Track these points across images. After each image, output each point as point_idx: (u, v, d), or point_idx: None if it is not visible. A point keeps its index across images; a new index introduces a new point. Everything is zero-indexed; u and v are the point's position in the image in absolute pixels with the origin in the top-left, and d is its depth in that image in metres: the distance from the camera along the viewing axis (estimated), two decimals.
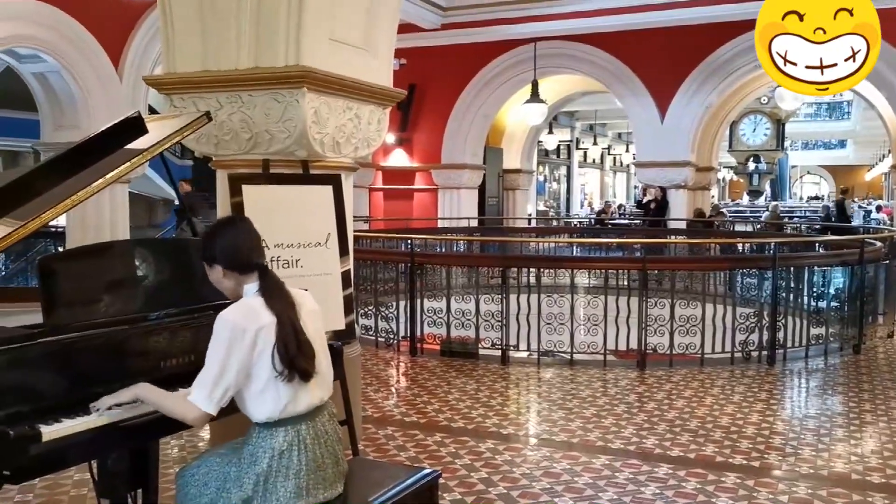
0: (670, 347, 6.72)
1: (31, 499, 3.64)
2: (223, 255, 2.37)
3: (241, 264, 2.37)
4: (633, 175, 28.69)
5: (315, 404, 2.35)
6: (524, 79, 13.30)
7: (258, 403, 2.27)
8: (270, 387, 2.25)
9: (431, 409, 5.33)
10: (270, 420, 2.27)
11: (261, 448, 2.27)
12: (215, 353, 2.22)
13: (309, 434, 2.30)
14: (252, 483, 2.25)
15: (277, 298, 2.32)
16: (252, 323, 2.24)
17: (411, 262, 7.44)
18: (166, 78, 3.99)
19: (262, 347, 2.24)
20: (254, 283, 2.36)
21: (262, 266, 2.39)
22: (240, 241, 2.41)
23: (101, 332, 2.35)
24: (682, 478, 4.03)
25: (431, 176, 14.59)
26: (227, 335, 2.22)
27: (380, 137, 4.54)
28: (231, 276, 2.38)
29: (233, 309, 2.28)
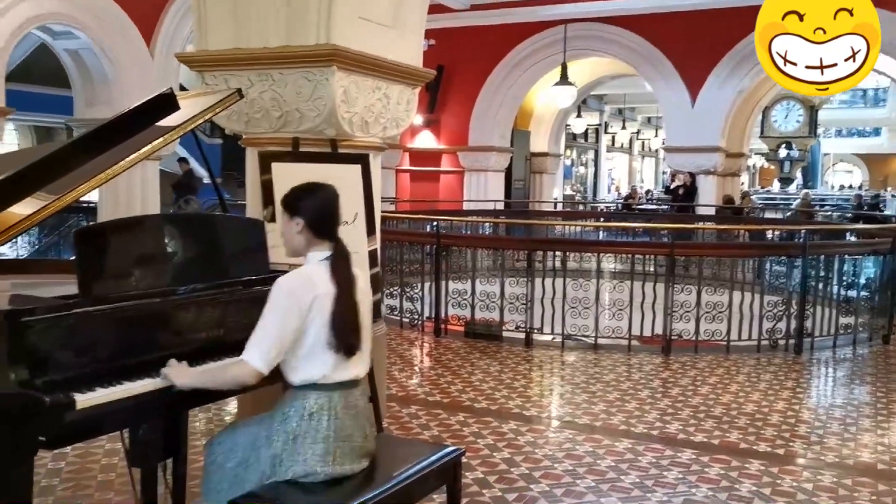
0: (696, 334, 6.69)
1: (64, 466, 3.73)
2: (311, 211, 2.41)
3: (322, 227, 2.41)
4: (662, 160, 28.45)
5: (351, 378, 2.39)
6: (553, 61, 13.20)
7: (299, 367, 2.33)
8: (314, 354, 2.32)
9: (455, 389, 5.36)
10: (306, 383, 2.33)
11: (292, 408, 2.33)
12: (272, 316, 2.28)
13: (340, 403, 2.35)
14: (281, 441, 2.30)
15: (344, 271, 2.38)
16: (309, 291, 2.30)
17: (437, 244, 7.46)
18: (198, 55, 4.02)
19: (314, 315, 2.30)
20: (324, 251, 2.40)
21: (338, 239, 2.44)
22: (332, 207, 2.46)
23: (134, 304, 2.39)
24: (706, 463, 4.02)
25: (458, 158, 14.56)
26: (284, 300, 2.28)
27: (408, 117, 4.54)
28: (306, 234, 2.41)
29: (291, 275, 2.34)
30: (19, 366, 2.07)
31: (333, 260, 2.39)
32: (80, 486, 3.52)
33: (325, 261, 2.39)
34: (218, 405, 4.68)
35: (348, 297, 2.35)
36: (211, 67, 3.95)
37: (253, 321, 2.69)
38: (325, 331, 2.30)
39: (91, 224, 3.37)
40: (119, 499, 3.37)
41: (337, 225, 2.46)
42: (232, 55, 3.89)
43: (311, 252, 2.42)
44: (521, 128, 15.73)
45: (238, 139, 4.24)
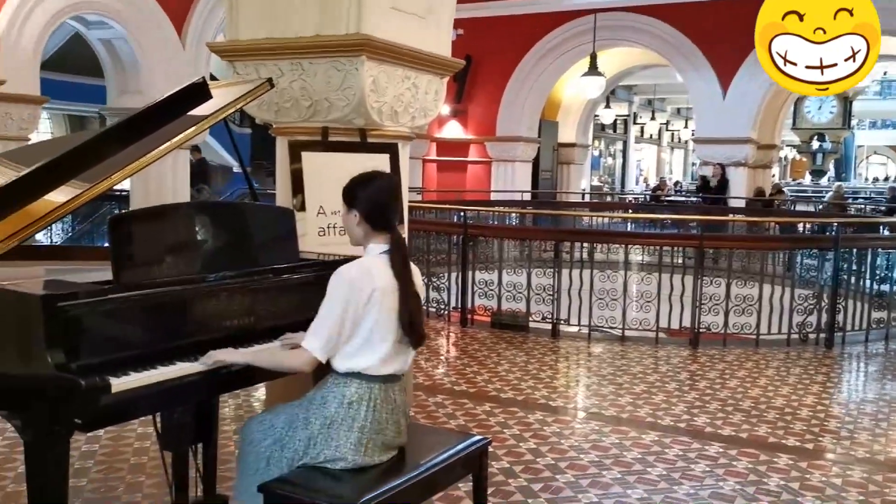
0: (725, 327, 6.63)
1: (98, 448, 3.80)
2: (366, 203, 2.41)
3: (380, 218, 2.41)
4: (692, 151, 28.12)
5: (393, 372, 2.41)
6: (582, 51, 13.11)
7: (348, 357, 2.35)
8: (366, 345, 2.34)
9: (481, 379, 5.38)
10: (350, 372, 2.35)
11: (332, 394, 2.36)
12: (331, 305, 2.30)
13: (379, 395, 2.37)
14: (318, 424, 2.33)
15: (404, 264, 2.39)
16: (368, 283, 2.31)
17: (464, 234, 7.46)
18: (229, 45, 4.05)
19: (371, 307, 2.32)
20: (382, 243, 2.41)
21: (395, 228, 2.44)
22: (387, 196, 2.46)
23: (168, 291, 2.42)
24: (733, 457, 4.00)
25: (486, 148, 14.55)
26: (344, 291, 2.29)
27: (437, 107, 4.54)
28: (363, 226, 2.42)
29: (352, 266, 2.35)
30: (56, 349, 2.11)
31: (392, 253, 2.39)
32: (112, 468, 3.58)
33: (384, 254, 2.39)
34: (247, 391, 4.74)
35: (412, 289, 2.38)
36: (242, 57, 3.98)
37: (282, 309, 2.73)
38: (382, 324, 2.32)
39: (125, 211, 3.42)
40: (151, 481, 3.43)
41: (395, 215, 2.46)
42: (263, 45, 3.91)
43: (371, 244, 2.43)
44: (549, 118, 15.66)
45: (267, 129, 4.26)
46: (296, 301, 2.76)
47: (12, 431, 3.91)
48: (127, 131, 2.76)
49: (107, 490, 3.35)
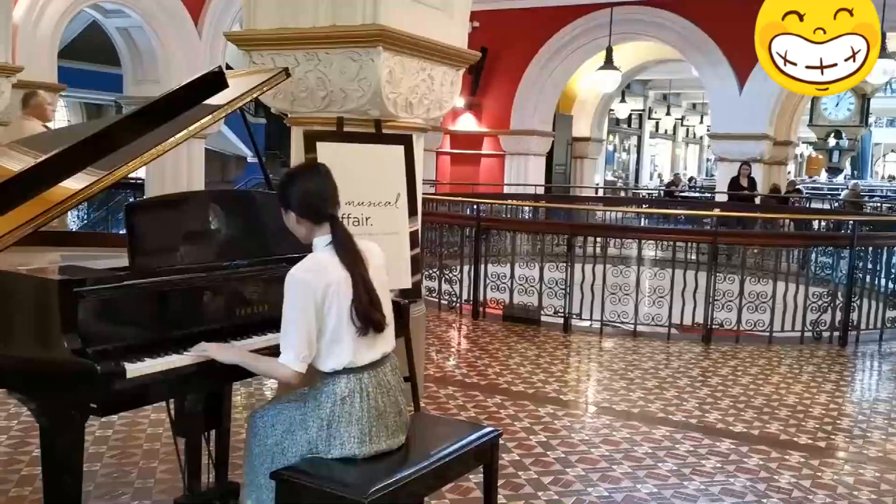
0: (738, 323, 6.60)
1: (111, 434, 3.84)
2: (298, 202, 2.38)
3: (314, 213, 2.38)
4: (707, 147, 27.97)
5: (377, 357, 2.40)
6: (598, 45, 13.03)
7: (325, 355, 2.33)
8: (337, 340, 2.31)
9: (492, 371, 5.38)
10: (335, 370, 2.33)
11: (323, 394, 2.34)
12: (292, 312, 2.26)
13: (371, 383, 2.35)
14: (316, 427, 2.32)
15: (349, 253, 2.35)
16: (321, 279, 2.27)
17: (477, 227, 7.46)
18: (246, 34, 4.07)
19: (330, 303, 2.28)
20: (325, 235, 2.38)
21: (334, 218, 2.39)
22: (316, 189, 2.40)
23: (184, 278, 2.44)
24: (745, 454, 3.98)
25: (499, 141, 14.50)
26: (299, 294, 2.26)
27: (452, 99, 4.54)
28: (304, 223, 2.40)
29: (300, 267, 2.31)
30: (72, 334, 2.13)
31: (336, 243, 2.35)
32: (126, 453, 3.62)
33: (329, 245, 2.36)
34: (258, 379, 4.76)
35: (361, 279, 2.32)
36: (259, 46, 3.99)
37: None
38: (346, 315, 2.28)
39: (142, 198, 3.44)
40: (164, 467, 3.46)
41: (329, 204, 2.39)
42: (279, 34, 3.92)
43: (316, 238, 2.40)
44: (564, 112, 15.59)
45: (281, 119, 4.28)
46: None
47: (27, 416, 3.96)
48: (143, 119, 2.77)
49: (120, 475, 3.38)
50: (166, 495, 3.16)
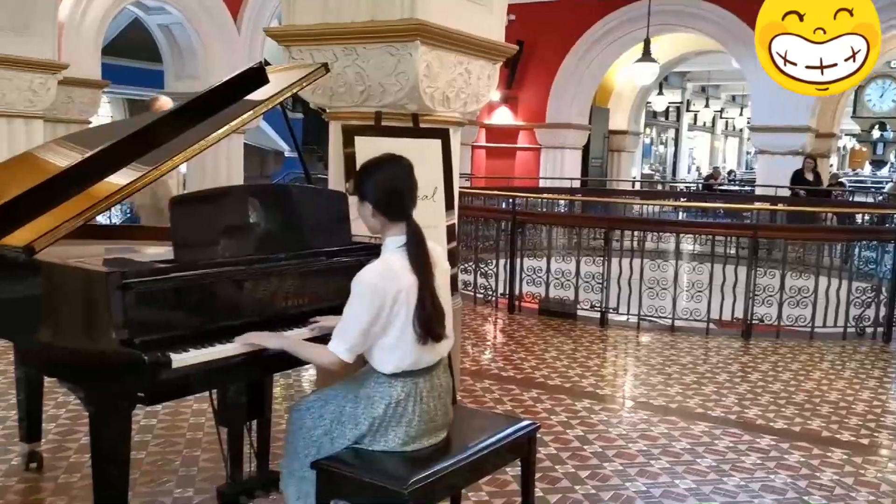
0: (778, 319, 6.51)
1: (156, 423, 3.92)
2: (376, 193, 2.31)
3: (392, 209, 2.31)
4: (747, 140, 27.53)
5: (435, 361, 2.40)
6: (635, 37, 12.90)
7: (385, 356, 2.32)
8: (401, 343, 2.30)
9: (528, 365, 5.38)
10: (394, 372, 2.33)
11: (378, 394, 2.34)
12: (355, 309, 2.25)
13: (425, 387, 2.36)
14: (367, 424, 2.33)
15: (421, 258, 2.30)
16: (391, 284, 2.24)
17: (513, 220, 7.45)
18: (285, 30, 4.11)
19: (399, 308, 2.26)
20: (399, 235, 2.31)
21: (410, 218, 2.32)
22: (398, 182, 2.33)
23: (227, 271, 2.49)
24: (785, 450, 3.93)
25: (535, 135, 14.45)
26: (369, 296, 2.23)
27: (489, 93, 4.54)
28: (379, 217, 2.33)
29: (373, 270, 2.27)
30: (120, 325, 2.19)
31: (409, 246, 2.29)
32: (170, 442, 3.69)
33: (402, 248, 2.30)
34: (297, 371, 4.83)
35: (428, 288, 2.28)
36: (298, 42, 4.03)
37: (333, 291, 2.76)
38: (411, 322, 2.27)
39: (186, 193, 3.50)
40: (206, 456, 3.53)
41: (409, 203, 2.33)
42: (318, 30, 3.95)
43: (388, 237, 2.33)
44: (601, 105, 15.48)
45: (319, 114, 4.31)
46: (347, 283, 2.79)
47: (74, 404, 4.07)
48: (185, 115, 2.82)
49: (164, 463, 3.46)
50: (209, 483, 3.22)
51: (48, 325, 2.44)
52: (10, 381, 4.38)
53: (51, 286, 2.42)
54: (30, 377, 3.25)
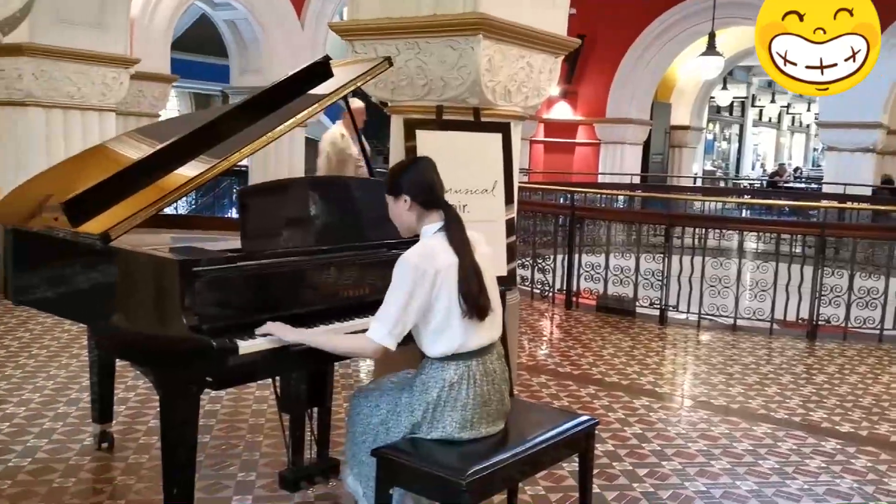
0: (846, 320, 6.32)
1: (220, 408, 4.03)
2: (413, 187, 2.42)
3: (428, 199, 2.43)
4: (814, 136, 26.75)
5: (485, 343, 2.42)
6: (699, 31, 12.67)
7: (434, 340, 2.36)
8: (446, 325, 2.33)
9: (585, 361, 5.34)
10: (444, 355, 2.36)
11: (432, 379, 2.37)
12: (396, 292, 2.30)
13: (478, 370, 2.38)
14: (422, 410, 2.37)
15: (459, 238, 2.38)
16: (431, 265, 2.30)
17: (572, 216, 7.40)
18: (349, 24, 4.17)
19: (440, 288, 2.31)
20: (436, 222, 2.42)
21: (446, 204, 2.44)
22: (431, 175, 2.48)
23: (292, 261, 2.55)
24: (852, 454, 3.83)
25: (594, 130, 14.31)
26: (409, 276, 2.29)
27: (550, 87, 4.52)
28: (415, 209, 2.43)
29: (414, 251, 2.34)
30: (189, 312, 2.25)
31: (447, 228, 2.39)
32: (233, 427, 3.79)
33: (440, 231, 2.39)
34: (356, 361, 4.89)
35: (470, 262, 2.35)
36: (361, 36, 4.08)
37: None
38: (455, 300, 2.31)
39: (253, 184, 3.59)
40: (268, 441, 3.61)
41: (441, 192, 2.46)
42: (381, 24, 3.99)
43: (425, 226, 2.44)
44: (662, 99, 15.24)
45: (377, 108, 4.35)
46: None
47: (143, 388, 4.22)
48: (251, 109, 2.89)
49: (228, 447, 3.55)
50: (270, 468, 3.29)
51: (122, 311, 2.53)
52: (83, 364, 4.56)
53: (125, 273, 2.51)
54: (103, 360, 3.37)
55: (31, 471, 3.23)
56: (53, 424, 3.74)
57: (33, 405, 4.00)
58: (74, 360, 4.77)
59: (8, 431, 3.64)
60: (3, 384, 4.30)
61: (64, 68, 6.61)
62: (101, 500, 2.99)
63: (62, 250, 2.76)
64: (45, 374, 4.50)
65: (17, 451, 3.41)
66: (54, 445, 3.50)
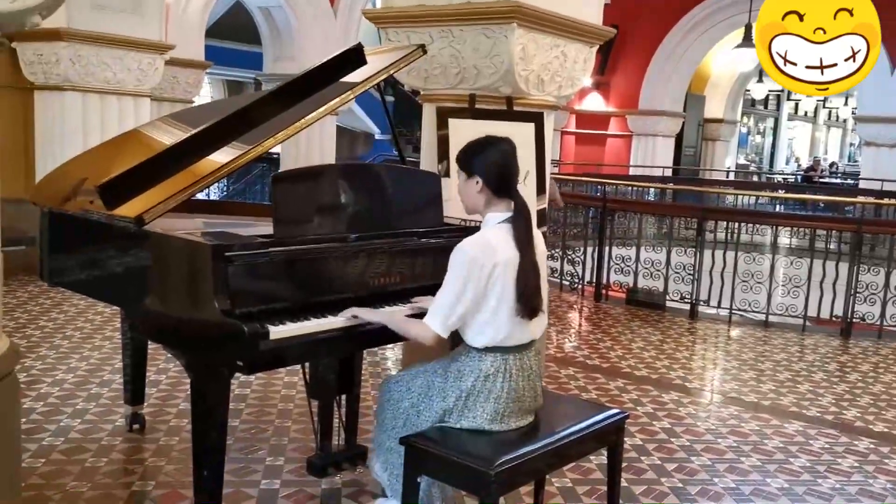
0: (881, 318, 6.20)
1: (249, 393, 4.06)
2: (488, 169, 2.34)
3: (502, 184, 2.34)
4: (851, 131, 26.25)
5: (527, 340, 2.39)
6: (735, 22, 12.48)
7: (479, 331, 2.34)
8: (495, 318, 2.31)
9: (614, 355, 5.31)
10: (485, 346, 2.34)
11: (468, 367, 2.36)
12: (452, 282, 2.28)
13: (515, 365, 2.36)
14: (454, 397, 2.36)
15: (525, 233, 2.32)
16: (489, 258, 2.26)
17: (603, 208, 7.34)
18: (383, 12, 4.14)
19: (494, 282, 2.28)
20: (503, 212, 2.35)
21: (518, 195, 2.36)
22: (507, 159, 2.37)
23: (325, 247, 2.55)
24: (885, 454, 3.76)
25: (627, 122, 14.18)
26: (465, 267, 2.26)
27: (584, 76, 4.47)
28: (485, 193, 2.35)
29: (472, 241, 2.30)
30: (222, 296, 2.27)
31: (515, 221, 2.32)
32: (262, 412, 3.82)
33: (506, 223, 2.32)
34: (383, 349, 4.91)
35: (530, 260, 2.29)
36: (394, 24, 4.06)
37: (425, 271, 2.80)
38: (508, 296, 2.28)
39: (286, 170, 3.60)
40: (296, 427, 3.64)
41: (516, 181, 2.37)
42: (415, 12, 3.97)
43: (490, 213, 2.36)
44: (696, 92, 15.05)
45: (408, 97, 4.34)
46: (437, 264, 2.80)
47: (174, 371, 4.26)
48: (284, 96, 2.88)
49: (257, 431, 3.58)
50: (299, 454, 3.32)
51: (154, 294, 2.55)
52: (116, 347, 4.62)
53: (158, 256, 2.53)
54: (136, 343, 3.41)
55: (64, 450, 3.28)
56: (86, 405, 3.80)
57: (67, 385, 4.06)
58: (107, 343, 4.84)
59: (42, 411, 3.70)
60: (37, 364, 4.38)
61: (100, 53, 6.68)
62: (132, 481, 3.04)
63: (97, 233, 2.79)
64: (79, 356, 4.58)
65: (51, 431, 3.47)
66: (87, 426, 3.55)
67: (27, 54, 6.59)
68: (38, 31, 6.01)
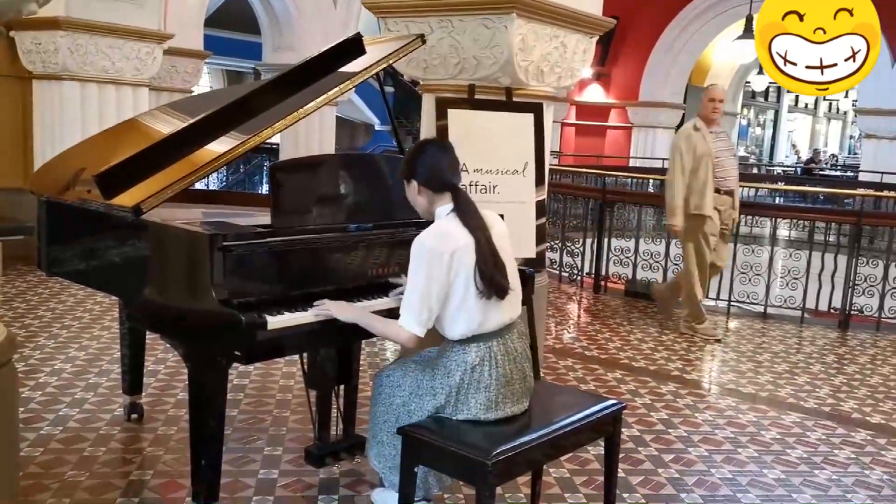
0: (879, 310, 6.21)
1: (248, 383, 4.07)
2: (422, 173, 2.44)
3: (437, 183, 2.43)
4: (851, 123, 26.23)
5: (505, 322, 2.41)
6: (736, 13, 12.45)
7: (453, 322, 2.36)
8: (464, 306, 2.33)
9: (612, 346, 5.31)
10: (464, 337, 2.36)
11: (454, 362, 2.37)
12: (416, 277, 2.31)
13: (499, 350, 2.38)
14: (445, 394, 2.37)
15: (472, 218, 2.38)
16: (447, 245, 2.30)
17: (602, 199, 7.34)
18: (383, 1, 4.12)
19: (457, 269, 2.31)
20: (447, 204, 2.42)
21: (455, 187, 2.44)
22: (440, 161, 2.46)
23: (324, 237, 2.55)
24: (882, 446, 3.77)
25: (627, 113, 14.15)
26: (425, 259, 2.30)
27: (584, 67, 4.47)
28: (425, 193, 2.44)
29: (428, 233, 2.35)
30: (219, 286, 2.27)
31: (458, 210, 2.39)
32: (261, 402, 3.83)
33: (452, 213, 2.39)
34: (382, 340, 4.90)
35: (486, 242, 2.34)
36: (394, 13, 4.05)
37: None
38: (472, 280, 2.31)
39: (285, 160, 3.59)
40: (295, 417, 3.64)
41: (452, 175, 2.45)
42: (415, 2, 3.96)
43: (437, 208, 2.44)
44: (696, 83, 15.01)
45: (407, 88, 4.33)
46: None
47: (172, 361, 4.26)
48: (283, 85, 2.87)
49: (255, 421, 3.59)
50: (297, 444, 3.32)
51: (152, 284, 2.55)
52: (114, 336, 4.63)
53: (156, 246, 2.53)
54: (134, 333, 3.41)
55: (63, 439, 3.29)
56: (85, 394, 3.81)
57: (65, 375, 4.07)
58: (106, 332, 4.85)
59: (40, 400, 3.71)
60: (36, 354, 4.38)
61: (99, 42, 6.66)
62: (130, 470, 3.04)
63: (95, 223, 2.79)
64: (77, 345, 4.58)
65: (49, 420, 3.48)
66: (85, 415, 3.56)
67: (25, 43, 6.57)
68: (36, 20, 5.98)
